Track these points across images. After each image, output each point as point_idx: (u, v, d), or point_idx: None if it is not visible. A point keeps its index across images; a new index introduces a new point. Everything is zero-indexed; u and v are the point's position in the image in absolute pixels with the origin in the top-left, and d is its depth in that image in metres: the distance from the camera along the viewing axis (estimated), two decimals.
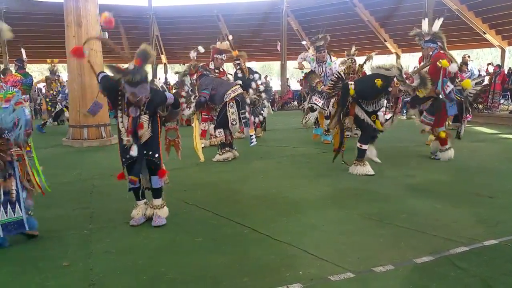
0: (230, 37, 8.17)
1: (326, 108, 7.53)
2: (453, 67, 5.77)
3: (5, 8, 18.46)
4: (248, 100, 6.37)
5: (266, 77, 18.42)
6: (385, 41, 19.07)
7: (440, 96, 5.86)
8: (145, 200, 3.75)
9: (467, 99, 6.09)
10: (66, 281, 2.64)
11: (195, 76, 6.79)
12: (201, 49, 7.33)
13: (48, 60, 10.97)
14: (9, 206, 3.10)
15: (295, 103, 20.09)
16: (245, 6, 20.56)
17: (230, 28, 20.73)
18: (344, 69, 7.77)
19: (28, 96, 7.94)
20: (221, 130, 6.34)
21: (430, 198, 4.26)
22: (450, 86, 5.80)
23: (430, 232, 3.32)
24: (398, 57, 19.14)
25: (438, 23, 6.11)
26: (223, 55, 6.87)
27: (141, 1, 25.21)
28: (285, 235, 3.30)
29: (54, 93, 11.58)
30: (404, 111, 9.87)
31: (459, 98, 6.01)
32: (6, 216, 3.10)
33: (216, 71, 6.89)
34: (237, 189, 4.78)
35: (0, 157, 3.02)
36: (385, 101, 5.47)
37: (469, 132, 7.51)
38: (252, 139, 6.44)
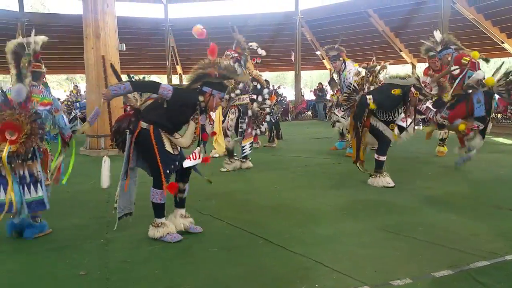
0: (254, 44, 8.20)
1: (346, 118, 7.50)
2: (480, 74, 5.65)
3: (26, 21, 18.95)
4: (250, 112, 6.40)
5: (279, 87, 18.55)
6: (400, 50, 18.96)
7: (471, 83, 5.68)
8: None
9: (501, 94, 5.84)
10: None
11: None
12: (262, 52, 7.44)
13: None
14: (32, 186, 3.45)
15: (309, 113, 20.05)
16: (260, 17, 20.71)
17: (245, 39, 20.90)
18: (357, 80, 7.73)
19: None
20: (229, 138, 6.38)
21: (448, 211, 4.19)
22: (477, 76, 5.62)
23: (448, 245, 3.26)
24: (413, 66, 19.00)
25: (438, 34, 6.10)
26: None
27: (157, 14, 25.59)
28: (300, 247, 3.28)
29: (69, 103, 11.91)
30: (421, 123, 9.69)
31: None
32: (30, 195, 3.44)
33: None
34: (251, 199, 4.77)
35: (30, 141, 3.34)
36: (402, 112, 5.39)
37: (487, 142, 7.37)
38: (244, 149, 6.46)
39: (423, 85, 4.93)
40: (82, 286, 2.71)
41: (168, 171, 3.42)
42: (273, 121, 9.08)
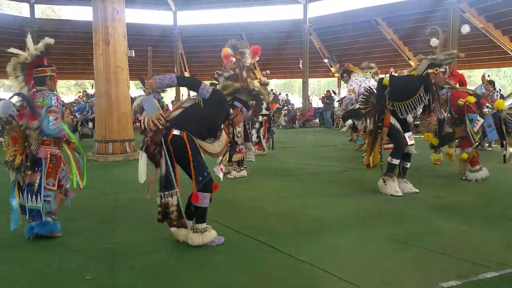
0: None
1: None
2: (481, 120, 5.76)
3: (37, 27, 19.20)
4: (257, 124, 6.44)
5: (286, 95, 18.59)
6: (409, 59, 18.91)
7: (474, 130, 5.76)
8: None
9: (506, 121, 5.92)
10: None
11: None
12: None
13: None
14: (33, 196, 3.55)
15: (317, 120, 20.04)
16: (268, 25, 20.82)
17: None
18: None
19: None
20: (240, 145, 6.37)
21: (457, 220, 4.14)
22: (480, 121, 5.72)
23: (457, 255, 3.22)
24: None
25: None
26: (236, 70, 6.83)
27: (166, 20, 25.81)
28: (307, 255, 3.26)
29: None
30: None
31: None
32: (31, 203, 3.55)
33: None
34: (258, 206, 4.76)
35: (28, 154, 3.48)
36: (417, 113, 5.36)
37: (497, 152, 7.31)
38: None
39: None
40: None
41: (205, 174, 3.36)
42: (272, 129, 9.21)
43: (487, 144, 8.64)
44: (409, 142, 5.32)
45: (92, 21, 8.80)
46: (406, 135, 5.29)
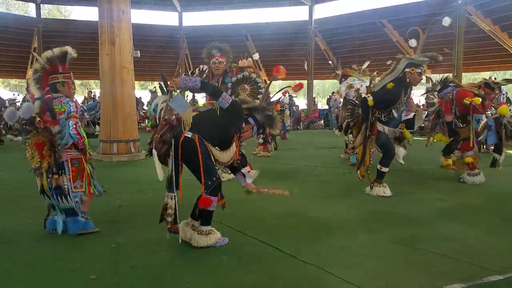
0: (256, 56, 8.33)
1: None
2: (485, 119, 5.80)
3: (43, 27, 19.31)
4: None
5: (291, 97, 18.58)
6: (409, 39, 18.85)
7: (479, 130, 5.76)
8: None
9: (506, 127, 5.91)
10: None
11: None
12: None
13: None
14: (62, 198, 3.67)
15: (322, 122, 20.01)
16: (274, 26, 20.79)
17: (258, 48, 20.94)
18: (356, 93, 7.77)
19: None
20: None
21: (462, 223, 4.13)
22: (484, 120, 5.71)
23: (461, 258, 3.21)
24: (427, 79, 18.88)
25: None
26: (245, 72, 6.59)
27: (172, 21, 25.88)
28: (311, 256, 3.25)
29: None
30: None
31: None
32: (63, 203, 3.68)
33: None
34: (262, 208, 4.76)
35: (54, 158, 3.60)
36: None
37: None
38: None
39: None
40: None
41: (214, 179, 3.36)
42: None
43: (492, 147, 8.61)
44: (408, 117, 5.53)
45: (98, 21, 8.84)
46: (403, 117, 5.46)
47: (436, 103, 6.91)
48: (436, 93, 6.63)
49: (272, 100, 6.16)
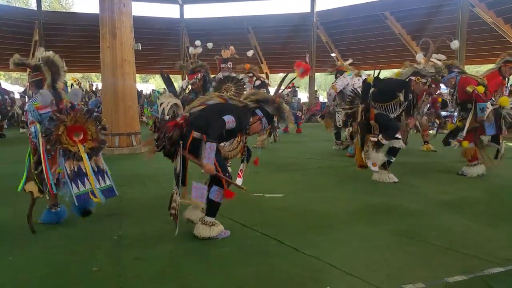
0: (250, 53, 8.37)
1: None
2: (489, 106, 5.72)
3: (43, 20, 19.26)
4: None
5: (295, 90, 18.54)
6: (417, 54, 18.76)
7: (484, 118, 5.72)
8: None
9: (506, 118, 5.87)
10: (95, 286, 2.69)
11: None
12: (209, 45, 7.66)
13: (73, 79, 11.41)
14: (103, 176, 3.81)
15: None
16: (275, 18, 20.70)
17: (260, 40, 20.91)
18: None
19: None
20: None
21: (463, 216, 4.13)
22: (490, 108, 5.68)
23: (462, 250, 3.22)
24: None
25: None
26: (229, 63, 6.60)
27: (173, 13, 25.79)
28: (312, 249, 3.26)
29: (82, 103, 12.11)
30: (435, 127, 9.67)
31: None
32: (104, 183, 3.80)
33: None
34: (264, 200, 4.77)
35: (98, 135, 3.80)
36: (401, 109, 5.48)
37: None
38: None
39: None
40: (94, 282, 2.74)
41: (227, 174, 3.43)
42: None
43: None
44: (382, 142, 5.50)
45: (98, 14, 8.81)
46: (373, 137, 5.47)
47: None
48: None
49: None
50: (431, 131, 9.45)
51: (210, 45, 7.69)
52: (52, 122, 3.57)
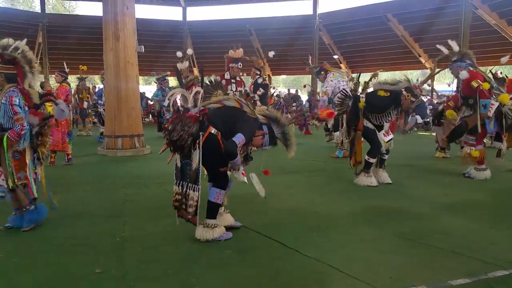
0: (271, 53, 8.44)
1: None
2: (495, 104, 5.70)
3: (47, 22, 19.34)
4: None
5: (296, 91, 18.53)
6: (419, 56, 18.74)
7: (489, 115, 5.70)
8: None
9: (507, 115, 5.84)
10: None
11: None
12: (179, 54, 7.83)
13: (82, 67, 11.22)
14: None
15: None
16: (278, 21, 20.73)
17: (262, 43, 20.92)
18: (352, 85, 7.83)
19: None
20: None
21: (466, 218, 4.12)
22: (495, 105, 5.65)
23: (466, 253, 3.20)
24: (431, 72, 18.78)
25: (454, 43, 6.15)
26: (239, 64, 6.55)
27: (176, 16, 25.89)
28: (315, 251, 3.26)
29: (92, 103, 12.01)
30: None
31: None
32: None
33: (233, 80, 6.59)
34: (267, 202, 4.75)
35: None
36: (389, 122, 5.60)
37: (507, 150, 7.22)
38: None
39: (413, 87, 5.29)
40: (98, 284, 2.74)
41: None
42: None
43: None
44: (386, 139, 5.62)
45: (102, 16, 8.84)
46: (381, 133, 5.60)
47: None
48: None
49: (274, 93, 6.23)
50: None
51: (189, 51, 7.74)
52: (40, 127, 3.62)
